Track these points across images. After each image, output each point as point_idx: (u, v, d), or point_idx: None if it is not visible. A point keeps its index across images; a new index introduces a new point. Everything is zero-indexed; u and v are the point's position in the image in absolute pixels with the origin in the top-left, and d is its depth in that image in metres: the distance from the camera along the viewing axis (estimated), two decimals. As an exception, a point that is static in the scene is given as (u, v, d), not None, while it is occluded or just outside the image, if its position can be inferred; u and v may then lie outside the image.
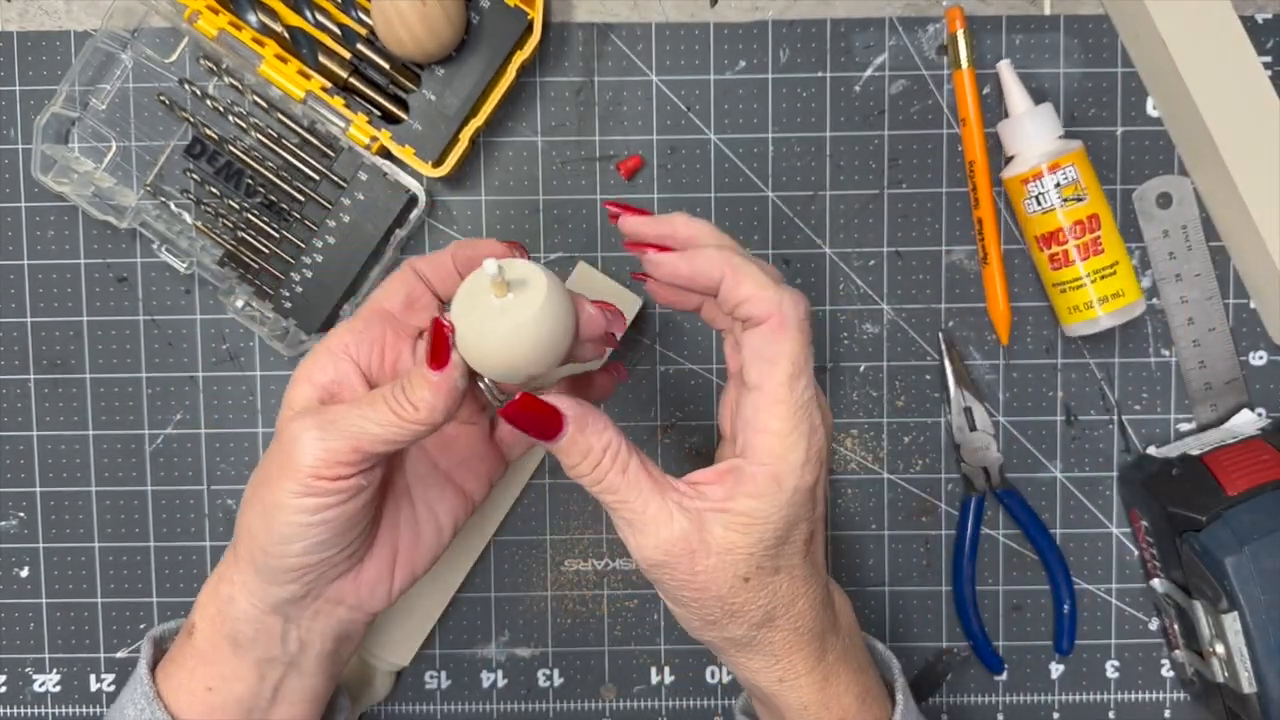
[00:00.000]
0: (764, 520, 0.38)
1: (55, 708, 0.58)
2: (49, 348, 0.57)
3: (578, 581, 0.58)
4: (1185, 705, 0.58)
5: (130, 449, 0.58)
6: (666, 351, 0.57)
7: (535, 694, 0.58)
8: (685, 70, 0.56)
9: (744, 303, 0.39)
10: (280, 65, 0.54)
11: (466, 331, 0.38)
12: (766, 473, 0.38)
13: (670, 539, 0.38)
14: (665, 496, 0.39)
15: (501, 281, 0.37)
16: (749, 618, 0.40)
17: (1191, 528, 0.51)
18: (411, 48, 0.51)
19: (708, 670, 0.58)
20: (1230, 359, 0.57)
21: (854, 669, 0.43)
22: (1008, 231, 0.56)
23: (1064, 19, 0.56)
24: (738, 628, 0.40)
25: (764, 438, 0.38)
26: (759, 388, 0.39)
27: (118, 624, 0.58)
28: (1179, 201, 0.56)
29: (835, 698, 0.42)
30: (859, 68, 0.56)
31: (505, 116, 0.56)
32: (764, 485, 0.38)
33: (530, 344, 0.38)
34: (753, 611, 0.40)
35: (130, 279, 0.57)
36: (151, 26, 0.56)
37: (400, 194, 0.55)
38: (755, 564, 0.39)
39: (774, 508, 0.38)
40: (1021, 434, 0.57)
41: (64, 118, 0.55)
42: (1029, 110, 0.53)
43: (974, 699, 0.58)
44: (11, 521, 0.58)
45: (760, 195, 0.57)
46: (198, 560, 0.58)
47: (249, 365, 0.57)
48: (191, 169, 0.55)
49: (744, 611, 0.40)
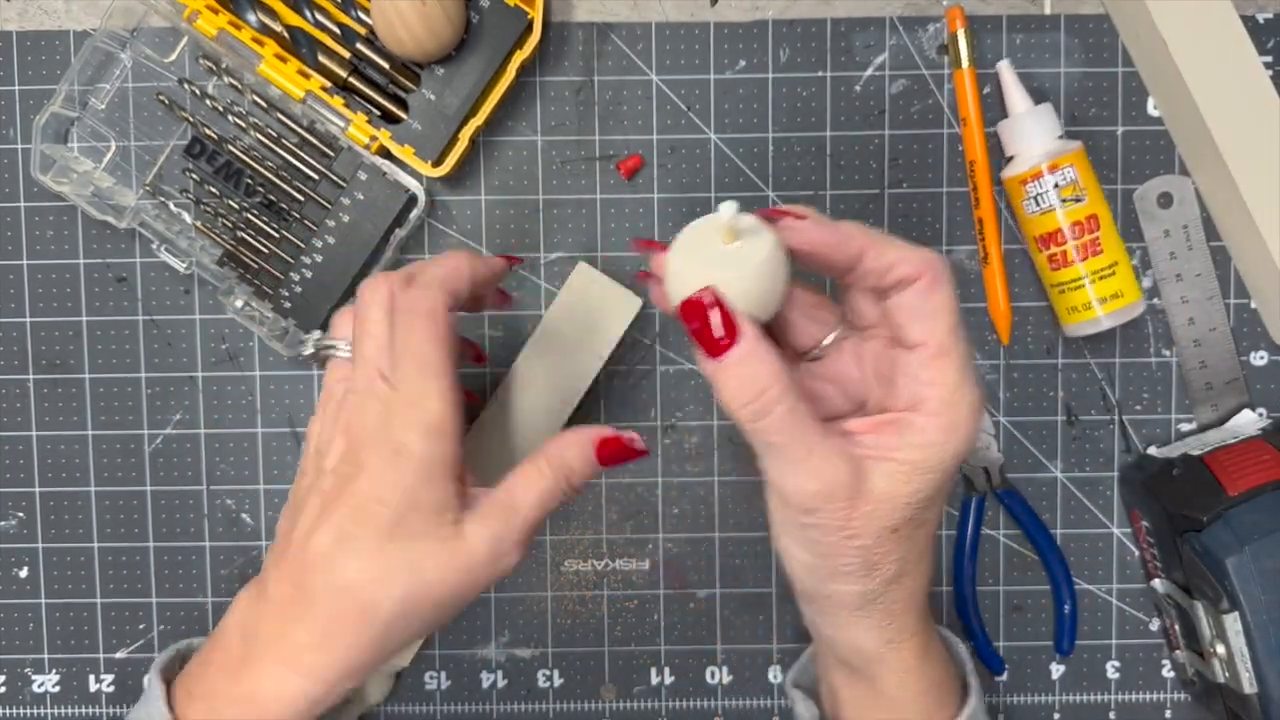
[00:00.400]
0: (929, 469, 0.38)
1: (55, 708, 0.58)
2: (48, 348, 0.57)
3: (578, 582, 0.58)
4: (1186, 706, 0.58)
5: (130, 449, 0.58)
6: (666, 351, 0.57)
7: (535, 694, 0.58)
8: (685, 70, 0.56)
9: (894, 265, 0.38)
10: (280, 65, 0.53)
11: (691, 276, 0.38)
12: (939, 423, 0.38)
13: (833, 482, 0.38)
14: (827, 438, 0.38)
15: (733, 229, 0.38)
16: (884, 572, 0.39)
17: (1192, 528, 0.51)
18: (411, 47, 0.51)
19: (708, 670, 0.58)
20: (1231, 359, 0.56)
21: (939, 639, 0.44)
22: (1008, 231, 0.56)
23: (1064, 19, 0.56)
24: (870, 581, 0.40)
25: (936, 389, 0.38)
26: (924, 343, 0.39)
27: (117, 624, 0.58)
28: (1180, 201, 0.56)
29: (931, 665, 0.42)
30: (859, 67, 0.56)
31: (505, 116, 0.56)
32: (935, 435, 0.38)
33: (757, 288, 0.38)
34: (889, 566, 0.39)
35: (130, 279, 0.57)
36: (151, 26, 0.55)
37: (400, 194, 0.55)
38: (907, 515, 0.39)
39: (942, 458, 0.38)
40: (1022, 434, 0.57)
41: (63, 117, 0.55)
42: (1028, 110, 0.53)
43: (974, 699, 0.58)
44: (11, 521, 0.58)
45: (760, 195, 0.56)
46: (197, 560, 0.58)
47: (248, 365, 0.57)
48: (191, 169, 0.55)
49: (882, 564, 0.39)
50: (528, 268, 0.57)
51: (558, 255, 0.57)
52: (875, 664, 0.42)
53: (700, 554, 0.58)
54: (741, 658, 0.58)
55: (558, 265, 0.57)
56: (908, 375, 0.39)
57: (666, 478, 0.58)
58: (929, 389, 0.39)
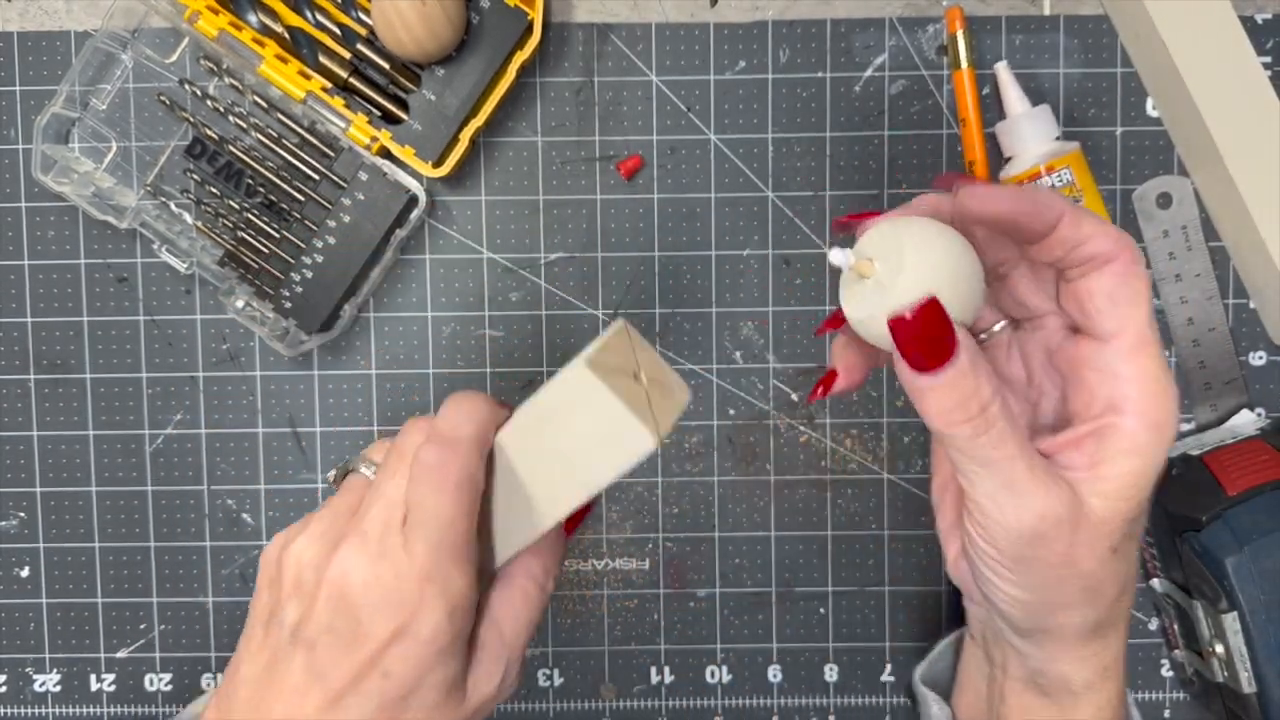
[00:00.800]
0: (1143, 475, 0.35)
1: (55, 707, 0.58)
2: (49, 348, 0.57)
3: (578, 581, 0.58)
4: (1185, 705, 0.58)
5: (130, 449, 0.58)
6: (666, 352, 0.57)
7: (535, 694, 0.58)
8: (685, 70, 0.56)
9: (1089, 240, 0.34)
10: (280, 65, 0.54)
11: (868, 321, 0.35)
12: (1147, 422, 0.34)
13: (1056, 505, 0.34)
14: (1039, 459, 0.34)
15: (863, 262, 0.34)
16: (1107, 595, 0.36)
17: (1191, 528, 0.51)
18: (411, 48, 0.51)
19: (708, 670, 0.58)
20: (1230, 359, 0.57)
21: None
22: (1007, 231, 0.56)
23: (1064, 19, 0.56)
24: (1097, 608, 0.36)
25: (1139, 385, 0.34)
26: (1120, 333, 0.35)
27: (118, 624, 0.58)
28: (1179, 202, 0.56)
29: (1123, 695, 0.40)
30: (859, 68, 0.56)
31: (505, 116, 0.56)
32: (1146, 437, 0.34)
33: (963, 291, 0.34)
34: (1111, 587, 0.36)
35: (130, 279, 0.57)
36: (152, 27, 0.56)
37: (400, 194, 0.55)
38: (1126, 530, 0.35)
39: (1154, 461, 0.35)
40: (1021, 434, 0.57)
41: (64, 118, 0.55)
42: (1025, 112, 0.53)
43: (974, 699, 0.58)
44: (12, 521, 0.58)
45: (760, 195, 0.57)
46: (198, 560, 0.58)
47: (249, 365, 0.57)
48: (192, 169, 0.55)
49: (1103, 588, 0.36)
50: (528, 268, 0.57)
51: (558, 255, 0.57)
52: (1085, 692, 0.39)
53: (700, 554, 0.58)
54: (741, 657, 0.58)
55: (557, 265, 0.57)
56: (1101, 370, 0.35)
57: (666, 477, 0.58)
58: (1131, 385, 0.35)
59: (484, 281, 0.57)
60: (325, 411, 0.58)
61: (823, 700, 0.58)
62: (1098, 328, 0.35)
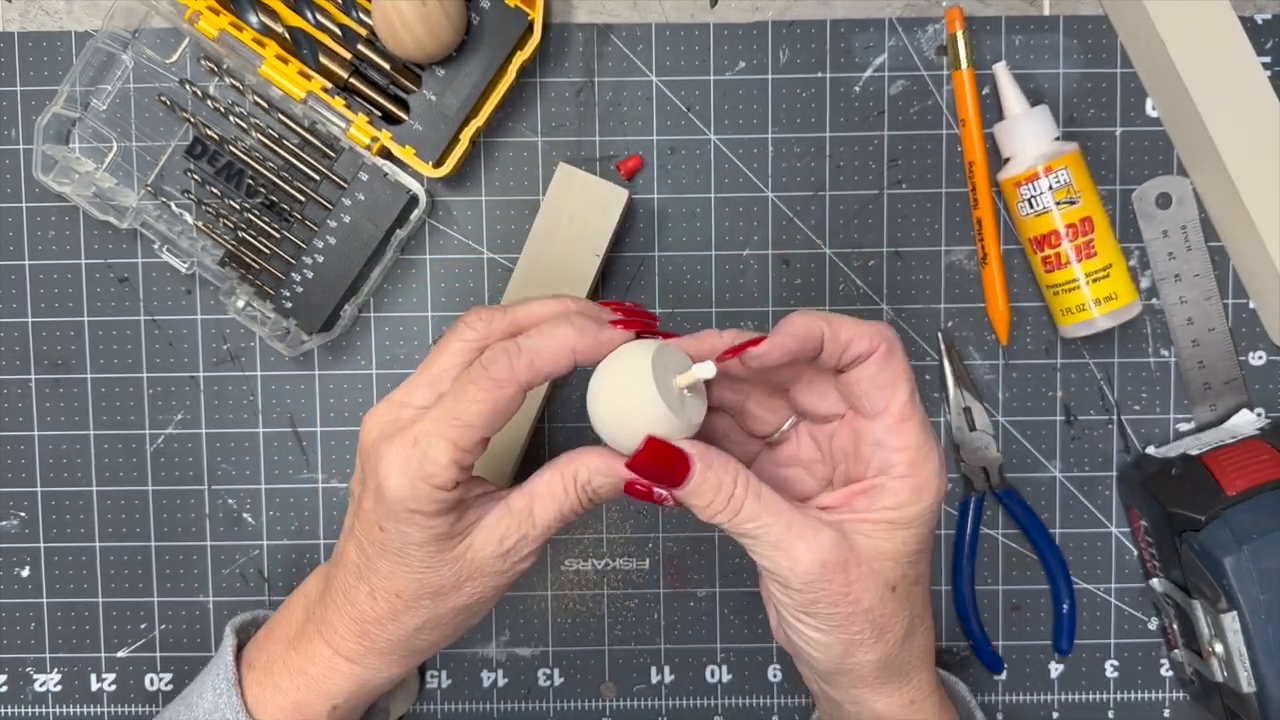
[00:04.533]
0: (906, 525, 0.40)
1: (56, 707, 0.59)
2: (50, 348, 0.57)
3: (578, 581, 0.58)
4: (1184, 705, 0.58)
5: (131, 449, 0.58)
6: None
7: (535, 693, 0.58)
8: (685, 71, 0.56)
9: (851, 342, 0.40)
10: (281, 66, 0.54)
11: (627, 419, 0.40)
12: (908, 484, 0.40)
13: (824, 547, 0.39)
14: (804, 513, 0.40)
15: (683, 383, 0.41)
16: (895, 632, 0.41)
17: (1191, 527, 0.51)
18: (412, 48, 0.51)
19: (707, 670, 0.58)
20: (1229, 359, 0.57)
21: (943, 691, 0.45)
22: (1007, 232, 0.56)
23: (1063, 19, 0.56)
24: (885, 645, 0.41)
25: (901, 454, 0.40)
26: (885, 411, 0.40)
27: (118, 624, 0.58)
28: (1178, 202, 0.56)
29: (947, 714, 0.44)
30: (859, 68, 0.56)
31: (505, 117, 0.56)
32: (907, 496, 0.40)
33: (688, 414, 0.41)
34: (898, 625, 0.41)
35: (131, 279, 0.57)
36: (152, 27, 0.56)
37: (401, 194, 0.55)
38: (901, 571, 0.40)
39: (916, 514, 0.40)
40: (1021, 434, 0.57)
41: (65, 118, 0.55)
42: (1024, 113, 0.53)
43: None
44: (12, 521, 0.58)
45: (760, 195, 0.57)
46: (198, 560, 0.58)
47: (249, 365, 0.57)
48: (192, 169, 0.55)
49: (891, 625, 0.41)
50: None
51: (558, 255, 0.57)
52: None
53: (700, 553, 0.58)
54: (741, 656, 0.58)
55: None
56: (872, 442, 0.41)
57: (666, 477, 0.58)
58: (895, 453, 0.40)
59: (484, 281, 0.57)
60: (326, 411, 0.58)
61: (822, 700, 0.58)
62: (867, 408, 0.41)
